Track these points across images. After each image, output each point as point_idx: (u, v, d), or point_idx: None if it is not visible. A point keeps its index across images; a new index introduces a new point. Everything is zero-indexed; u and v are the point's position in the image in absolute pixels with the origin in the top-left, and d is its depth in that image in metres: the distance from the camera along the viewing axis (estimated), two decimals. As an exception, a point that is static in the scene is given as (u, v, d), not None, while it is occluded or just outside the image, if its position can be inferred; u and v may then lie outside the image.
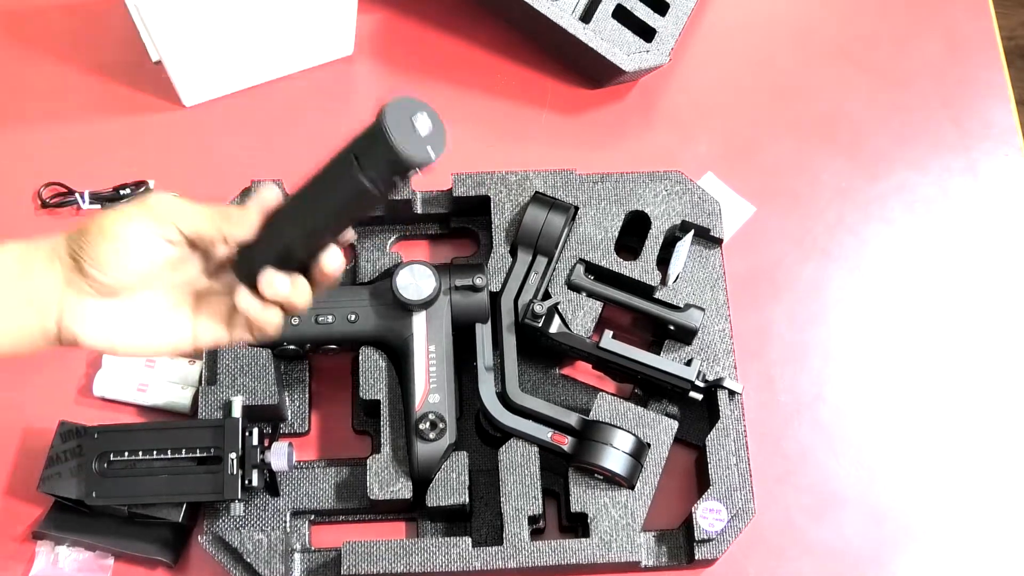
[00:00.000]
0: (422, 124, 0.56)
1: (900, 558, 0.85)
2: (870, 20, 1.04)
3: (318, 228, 0.60)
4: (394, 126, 0.56)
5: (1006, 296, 0.94)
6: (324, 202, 0.59)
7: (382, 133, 0.56)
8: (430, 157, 0.56)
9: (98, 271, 0.58)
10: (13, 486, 0.85)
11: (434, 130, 0.57)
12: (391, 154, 0.55)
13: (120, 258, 0.58)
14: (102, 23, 1.01)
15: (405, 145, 0.55)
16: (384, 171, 0.56)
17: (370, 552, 0.78)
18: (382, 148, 0.56)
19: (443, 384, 0.81)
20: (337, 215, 0.60)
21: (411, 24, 1.02)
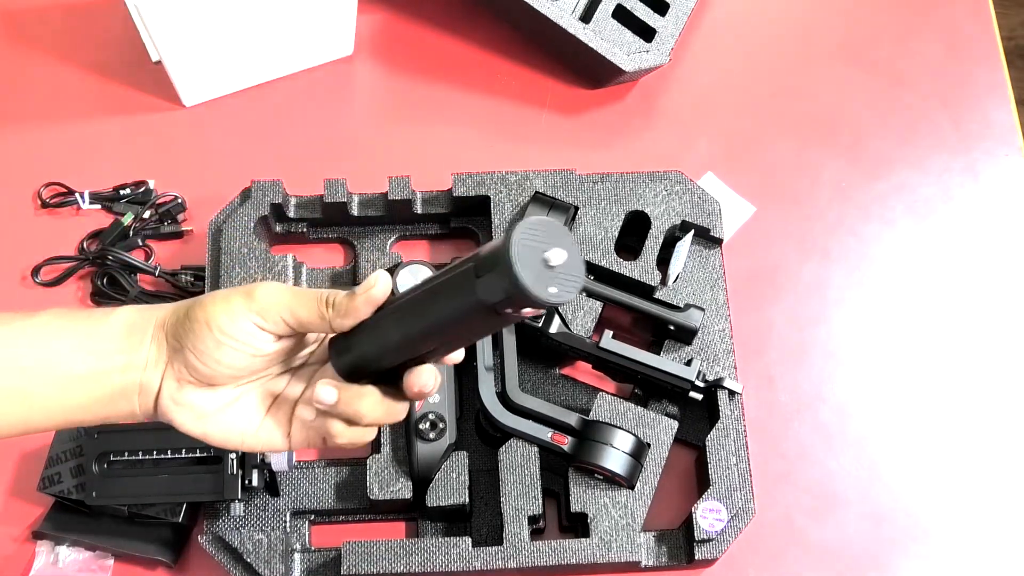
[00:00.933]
0: (556, 257, 0.49)
1: (900, 558, 0.85)
2: (870, 20, 1.04)
3: (428, 334, 0.55)
4: (520, 254, 0.49)
5: (1006, 296, 0.94)
6: (438, 310, 0.54)
7: (506, 258, 0.49)
8: (549, 299, 0.49)
9: (201, 364, 0.56)
10: (13, 486, 0.85)
11: (568, 264, 0.50)
12: (509, 284, 0.49)
13: (225, 354, 0.56)
14: (102, 23, 1.01)
15: (526, 278, 0.48)
16: (501, 298, 0.50)
17: (370, 552, 0.78)
18: (501, 274, 0.49)
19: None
20: (447, 328, 0.54)
21: (411, 24, 1.02)
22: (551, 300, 0.49)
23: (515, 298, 0.49)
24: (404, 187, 0.89)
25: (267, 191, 0.88)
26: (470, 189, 0.89)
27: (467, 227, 0.92)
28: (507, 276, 0.49)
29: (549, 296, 0.49)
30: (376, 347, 0.56)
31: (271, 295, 0.56)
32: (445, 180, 0.90)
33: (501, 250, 0.49)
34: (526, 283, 0.48)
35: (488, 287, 0.50)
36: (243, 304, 0.56)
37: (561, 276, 0.50)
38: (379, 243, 0.91)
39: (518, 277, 0.48)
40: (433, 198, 0.91)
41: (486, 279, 0.50)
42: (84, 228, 0.93)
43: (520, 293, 0.48)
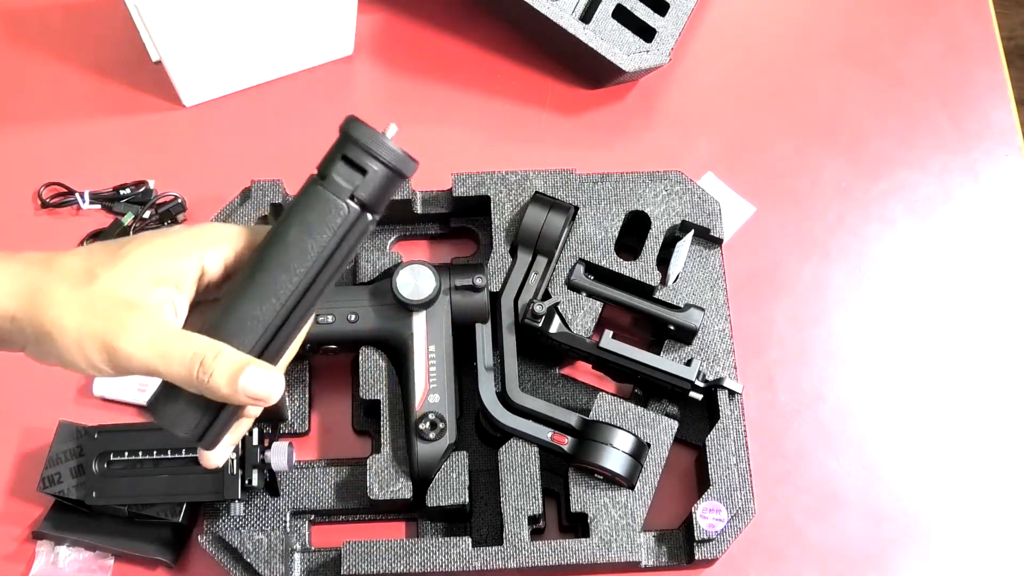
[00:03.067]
0: (391, 130, 0.54)
1: (900, 558, 0.85)
2: (870, 20, 1.04)
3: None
4: (360, 130, 0.54)
5: (1006, 296, 0.94)
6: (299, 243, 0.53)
7: (355, 132, 0.52)
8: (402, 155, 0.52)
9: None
10: (13, 486, 0.85)
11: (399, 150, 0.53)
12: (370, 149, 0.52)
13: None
14: (102, 23, 1.01)
15: (384, 139, 0.52)
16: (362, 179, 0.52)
17: (370, 552, 0.78)
18: (358, 148, 0.52)
19: (443, 384, 0.81)
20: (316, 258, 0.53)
21: (411, 24, 1.02)
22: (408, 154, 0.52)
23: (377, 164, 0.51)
24: (404, 187, 0.89)
25: (267, 191, 0.88)
26: (470, 189, 0.89)
27: (467, 227, 0.92)
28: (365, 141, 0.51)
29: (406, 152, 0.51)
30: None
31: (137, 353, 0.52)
32: (445, 180, 0.90)
33: (346, 132, 0.52)
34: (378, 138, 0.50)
35: (345, 173, 0.52)
36: (99, 360, 0.52)
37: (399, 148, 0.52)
38: (379, 243, 0.91)
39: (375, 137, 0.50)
40: (433, 198, 0.91)
41: (338, 169, 0.52)
42: (84, 228, 0.93)
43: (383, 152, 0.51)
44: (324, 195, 0.52)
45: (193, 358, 0.51)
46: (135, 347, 0.51)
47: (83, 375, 0.54)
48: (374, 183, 0.53)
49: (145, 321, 0.52)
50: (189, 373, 0.51)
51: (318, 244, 0.53)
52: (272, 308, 0.53)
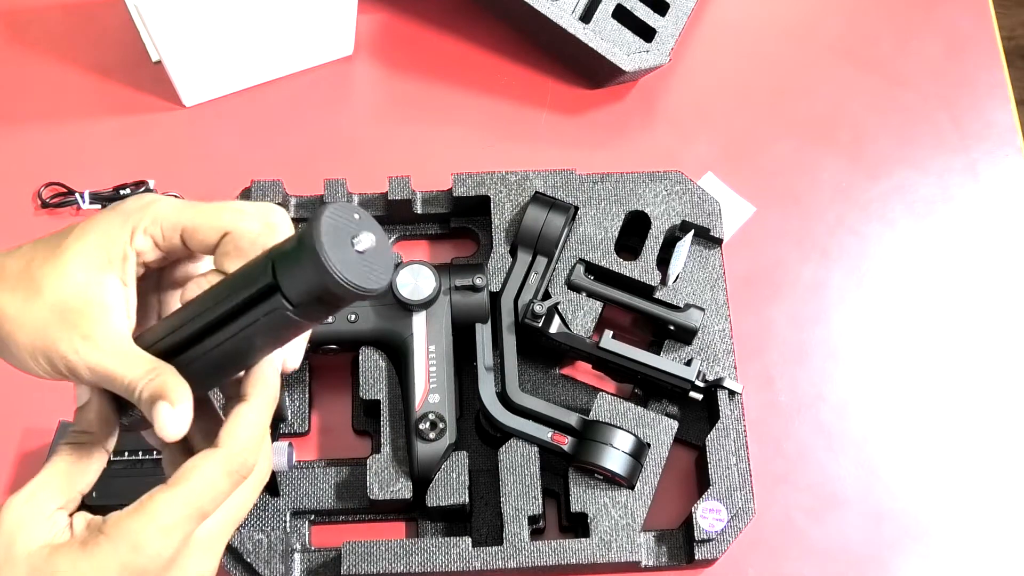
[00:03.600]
0: (364, 242, 0.44)
1: (900, 558, 0.85)
2: (870, 20, 1.04)
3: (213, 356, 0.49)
4: (329, 240, 0.43)
5: (1007, 296, 0.94)
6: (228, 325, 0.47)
7: (312, 248, 0.43)
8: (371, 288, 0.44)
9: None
10: (13, 486, 0.85)
11: (377, 250, 0.44)
12: (320, 277, 0.43)
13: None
14: (102, 23, 1.01)
15: (340, 267, 0.43)
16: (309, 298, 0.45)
17: (370, 552, 0.78)
18: (313, 274, 0.43)
19: (443, 384, 0.81)
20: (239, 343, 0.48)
21: (411, 24, 1.02)
22: (372, 288, 0.44)
23: (325, 290, 0.43)
24: (404, 187, 0.89)
25: (267, 191, 0.88)
26: (470, 189, 0.89)
27: (467, 227, 0.92)
28: (315, 264, 0.43)
29: (371, 285, 0.44)
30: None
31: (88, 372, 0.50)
32: (445, 180, 0.90)
33: (305, 238, 0.43)
34: (339, 270, 0.42)
35: (291, 282, 0.44)
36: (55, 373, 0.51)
37: (369, 262, 0.44)
38: (379, 243, 0.91)
39: (329, 264, 0.42)
40: (433, 198, 0.91)
41: (287, 275, 0.44)
42: (84, 228, 0.92)
43: (332, 283, 0.43)
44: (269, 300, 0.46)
45: (129, 386, 0.50)
46: (80, 368, 0.50)
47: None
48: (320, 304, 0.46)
49: (95, 335, 0.50)
50: (128, 396, 0.51)
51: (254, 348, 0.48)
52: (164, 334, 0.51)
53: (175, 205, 0.52)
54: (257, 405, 0.50)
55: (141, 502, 0.49)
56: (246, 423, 0.50)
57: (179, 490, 0.49)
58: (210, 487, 0.49)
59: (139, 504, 0.49)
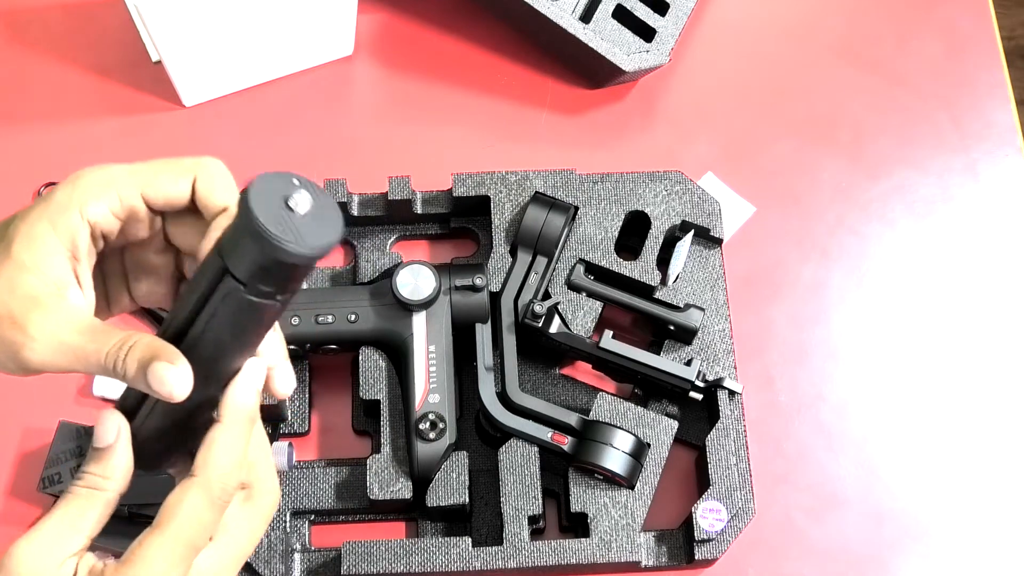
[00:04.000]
0: (302, 204, 0.44)
1: (900, 558, 0.85)
2: (870, 20, 1.04)
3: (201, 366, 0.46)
4: (261, 206, 0.42)
5: (1007, 296, 0.94)
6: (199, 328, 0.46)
7: (248, 224, 0.42)
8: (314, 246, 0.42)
9: None
10: (13, 486, 0.85)
11: (318, 208, 0.44)
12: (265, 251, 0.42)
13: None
14: (102, 23, 1.01)
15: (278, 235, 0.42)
16: (252, 269, 0.43)
17: (370, 552, 0.78)
18: (252, 245, 0.42)
19: (443, 384, 0.81)
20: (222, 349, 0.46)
21: (411, 24, 1.02)
22: (318, 246, 0.42)
23: (269, 262, 0.42)
24: (404, 187, 0.89)
25: (267, 191, 0.88)
26: (470, 189, 0.89)
27: (467, 227, 0.92)
28: (251, 233, 0.42)
29: (315, 243, 0.42)
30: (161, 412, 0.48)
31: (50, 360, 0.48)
32: (445, 180, 0.90)
33: (239, 217, 0.42)
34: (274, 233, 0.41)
35: (240, 263, 0.43)
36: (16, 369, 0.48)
37: (311, 224, 0.43)
38: (379, 243, 0.91)
39: (263, 229, 0.41)
40: (433, 198, 0.91)
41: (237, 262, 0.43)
42: (84, 228, 0.92)
43: (270, 248, 0.41)
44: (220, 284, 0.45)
45: (107, 357, 0.47)
46: (45, 355, 0.48)
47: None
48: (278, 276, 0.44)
49: (50, 322, 0.47)
50: (107, 371, 0.48)
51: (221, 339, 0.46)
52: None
53: (123, 168, 0.50)
54: (229, 425, 0.48)
55: (132, 552, 0.48)
56: (220, 445, 0.48)
57: (166, 532, 0.47)
58: (195, 520, 0.47)
59: (130, 555, 0.48)
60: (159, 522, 0.48)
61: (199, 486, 0.48)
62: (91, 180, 0.50)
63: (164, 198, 0.50)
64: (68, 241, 0.49)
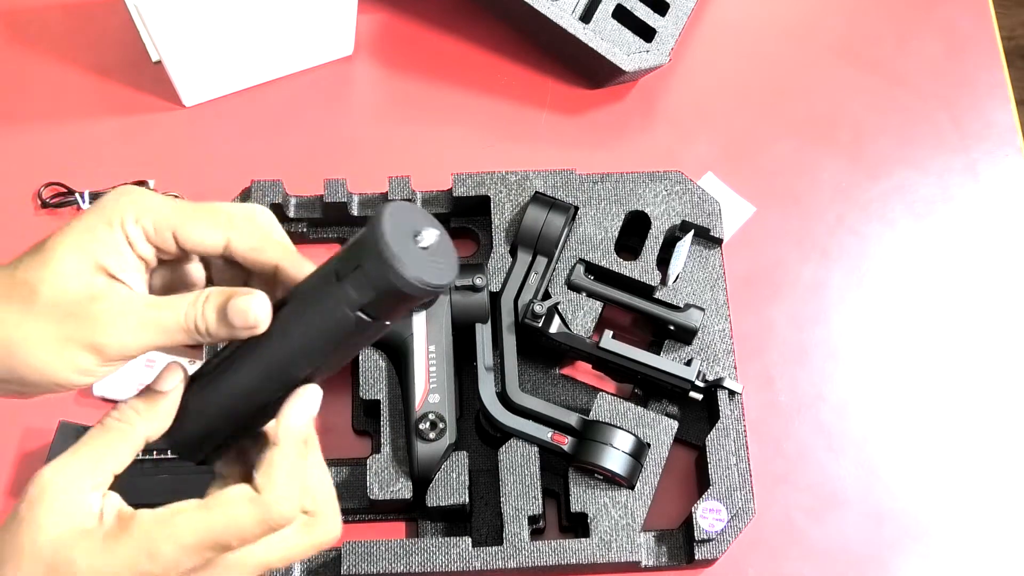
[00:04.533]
0: (428, 238, 0.44)
1: (900, 558, 0.85)
2: (870, 20, 1.04)
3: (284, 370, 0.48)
4: (393, 237, 0.43)
5: (1007, 296, 0.94)
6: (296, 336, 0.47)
7: (376, 245, 0.43)
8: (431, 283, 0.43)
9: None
10: (13, 486, 0.85)
11: (440, 246, 0.45)
12: (386, 274, 0.43)
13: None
14: (102, 23, 1.01)
15: (404, 263, 0.43)
16: (374, 297, 0.44)
17: (370, 552, 0.78)
18: (374, 266, 0.43)
19: (443, 384, 0.81)
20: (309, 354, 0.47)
21: (411, 24, 1.02)
22: (435, 283, 0.43)
23: (391, 290, 0.43)
24: (404, 187, 0.89)
25: (267, 191, 0.88)
26: (470, 189, 0.89)
27: (467, 227, 0.92)
28: (381, 263, 0.42)
29: (433, 279, 0.43)
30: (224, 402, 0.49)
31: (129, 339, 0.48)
32: (445, 180, 0.90)
33: (368, 237, 0.43)
34: (405, 267, 0.42)
35: (356, 283, 0.44)
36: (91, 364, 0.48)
37: (434, 257, 0.44)
38: (379, 243, 0.91)
39: (394, 261, 0.42)
40: (433, 198, 0.91)
41: (353, 277, 0.44)
42: (84, 228, 0.92)
43: (398, 282, 0.42)
44: (332, 300, 0.45)
45: (186, 317, 0.48)
46: (122, 336, 0.48)
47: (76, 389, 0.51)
48: (388, 304, 0.45)
49: (117, 307, 0.48)
50: (191, 334, 0.49)
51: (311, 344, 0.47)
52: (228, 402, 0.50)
53: (164, 201, 0.50)
54: (286, 447, 0.49)
55: (170, 511, 0.48)
56: (281, 468, 0.49)
57: (205, 515, 0.48)
58: (235, 525, 0.48)
59: (167, 513, 0.48)
60: (206, 504, 0.48)
61: (258, 504, 0.48)
62: (131, 201, 0.50)
63: (193, 244, 0.50)
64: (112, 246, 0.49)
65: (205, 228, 0.50)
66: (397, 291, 0.43)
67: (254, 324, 0.47)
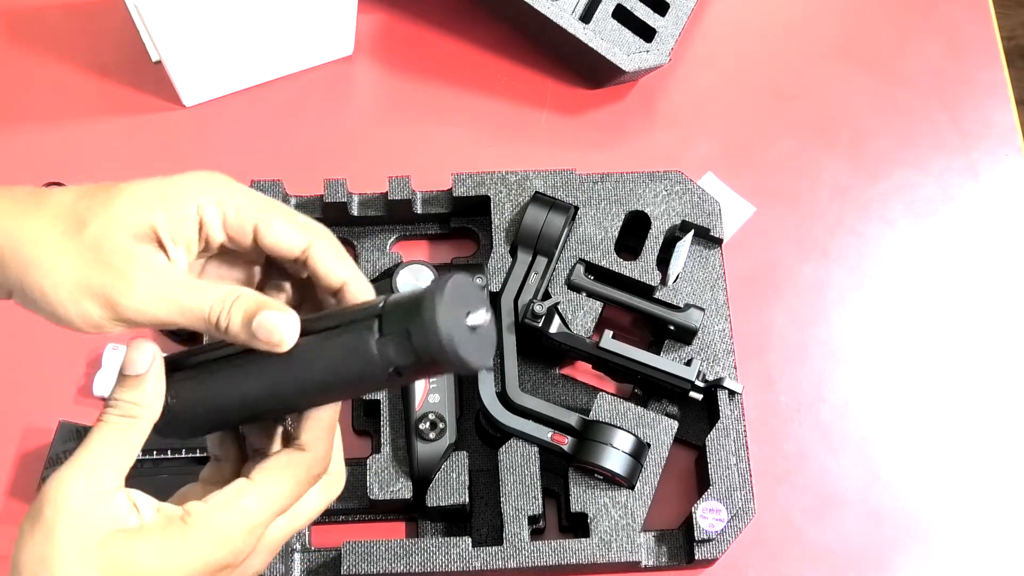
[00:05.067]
0: (478, 318, 0.45)
1: (900, 558, 0.85)
2: (870, 20, 1.04)
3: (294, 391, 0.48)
4: (447, 313, 0.44)
5: (1007, 296, 0.94)
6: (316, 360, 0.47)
7: (431, 319, 0.44)
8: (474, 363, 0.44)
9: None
10: (13, 486, 0.85)
11: (487, 327, 0.45)
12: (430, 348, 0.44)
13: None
14: (102, 23, 1.01)
15: (454, 342, 0.43)
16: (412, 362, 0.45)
17: (370, 552, 0.78)
18: (422, 337, 0.44)
19: (443, 384, 0.81)
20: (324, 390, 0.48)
21: (411, 24, 1.02)
22: (476, 364, 0.44)
23: (431, 362, 0.44)
24: (404, 187, 0.89)
25: (267, 191, 0.88)
26: (470, 189, 0.89)
27: (467, 227, 0.92)
28: (430, 337, 0.43)
29: (475, 360, 0.44)
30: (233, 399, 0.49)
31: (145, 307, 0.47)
32: (445, 180, 0.90)
33: (424, 306, 0.44)
34: (453, 346, 0.43)
35: (398, 345, 0.44)
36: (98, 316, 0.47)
37: (479, 338, 0.45)
38: (379, 243, 0.91)
39: (443, 339, 0.43)
40: (433, 198, 0.91)
41: (397, 337, 0.45)
42: (84, 228, 0.92)
43: (445, 354, 0.43)
44: (370, 352, 0.45)
45: (211, 310, 0.48)
46: (142, 301, 0.47)
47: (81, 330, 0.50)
48: (422, 371, 0.46)
49: (149, 272, 0.48)
50: (209, 324, 0.48)
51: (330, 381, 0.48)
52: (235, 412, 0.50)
53: (254, 194, 0.51)
54: (335, 411, 0.50)
55: (228, 496, 0.48)
56: (326, 428, 0.50)
57: (268, 490, 0.48)
58: (295, 488, 0.49)
59: (227, 499, 0.48)
60: (263, 481, 0.48)
61: (304, 460, 0.49)
62: (219, 183, 0.51)
63: (274, 242, 0.51)
64: (175, 222, 0.50)
65: (291, 230, 0.50)
66: (437, 364, 0.44)
67: (278, 344, 0.47)
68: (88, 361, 0.88)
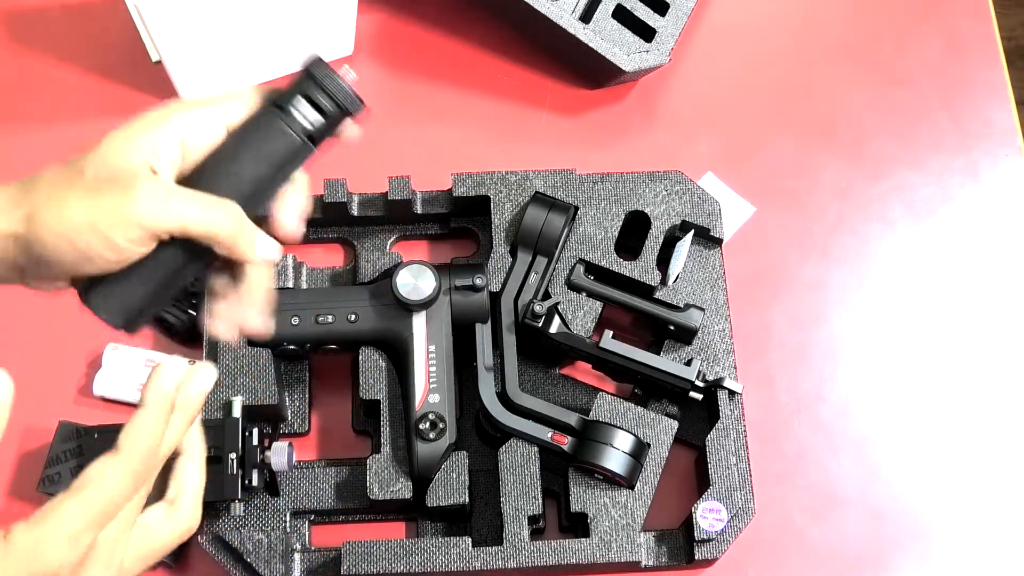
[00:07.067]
0: (349, 75, 0.57)
1: (900, 558, 0.85)
2: (870, 20, 1.04)
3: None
4: (324, 65, 0.56)
5: (1007, 296, 0.94)
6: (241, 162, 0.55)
7: (325, 73, 0.56)
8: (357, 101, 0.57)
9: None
10: (13, 486, 0.85)
11: (353, 86, 0.57)
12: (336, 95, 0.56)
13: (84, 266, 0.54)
14: (102, 23, 1.01)
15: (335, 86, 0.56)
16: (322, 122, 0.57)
17: (370, 552, 0.78)
18: (310, 84, 0.56)
19: (443, 384, 0.81)
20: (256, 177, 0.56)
21: (411, 24, 1.02)
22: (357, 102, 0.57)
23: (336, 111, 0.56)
24: (404, 187, 0.89)
25: (267, 191, 0.88)
26: (470, 189, 0.89)
27: (467, 227, 0.92)
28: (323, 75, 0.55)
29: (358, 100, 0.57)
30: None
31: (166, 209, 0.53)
32: (445, 180, 0.90)
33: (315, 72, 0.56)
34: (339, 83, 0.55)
35: (302, 112, 0.56)
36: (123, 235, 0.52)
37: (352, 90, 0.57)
38: (379, 243, 0.91)
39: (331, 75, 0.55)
40: (433, 198, 0.91)
41: (297, 104, 0.56)
42: (84, 228, 0.92)
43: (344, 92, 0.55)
44: (280, 127, 0.56)
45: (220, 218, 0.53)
46: (154, 204, 0.52)
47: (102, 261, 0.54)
48: (328, 123, 0.57)
49: (155, 184, 0.53)
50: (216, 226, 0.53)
51: (261, 173, 0.56)
52: None
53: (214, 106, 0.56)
54: (149, 406, 0.52)
55: (44, 510, 0.49)
56: (139, 424, 0.51)
57: (83, 495, 0.49)
58: (109, 488, 0.49)
59: (44, 511, 0.49)
60: (77, 487, 0.49)
61: (118, 459, 0.50)
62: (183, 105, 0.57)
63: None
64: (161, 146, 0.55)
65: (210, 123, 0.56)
66: (343, 109, 0.57)
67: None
68: (88, 361, 0.88)
